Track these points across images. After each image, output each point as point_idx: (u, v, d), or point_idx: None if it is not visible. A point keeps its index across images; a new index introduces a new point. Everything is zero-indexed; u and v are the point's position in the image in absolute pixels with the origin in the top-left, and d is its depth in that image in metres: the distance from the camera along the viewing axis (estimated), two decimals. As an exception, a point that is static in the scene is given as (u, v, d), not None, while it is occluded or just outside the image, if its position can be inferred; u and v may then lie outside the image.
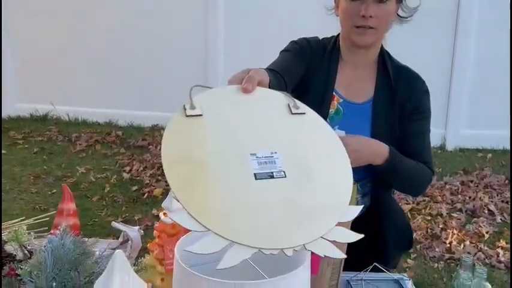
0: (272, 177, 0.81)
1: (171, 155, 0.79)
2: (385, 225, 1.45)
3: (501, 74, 4.45)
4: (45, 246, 1.03)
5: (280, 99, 0.93)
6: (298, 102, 0.94)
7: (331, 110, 1.40)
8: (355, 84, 1.42)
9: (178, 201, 0.76)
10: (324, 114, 1.39)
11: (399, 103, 1.39)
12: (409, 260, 2.73)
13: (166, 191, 3.57)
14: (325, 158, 0.88)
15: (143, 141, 4.55)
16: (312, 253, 1.13)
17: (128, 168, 3.93)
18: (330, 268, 1.15)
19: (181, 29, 4.75)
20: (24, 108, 5.05)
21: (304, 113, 0.93)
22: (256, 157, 0.82)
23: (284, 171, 0.83)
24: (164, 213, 1.18)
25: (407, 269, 2.63)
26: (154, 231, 1.20)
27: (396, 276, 1.32)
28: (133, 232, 1.29)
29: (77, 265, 1.00)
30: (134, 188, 3.61)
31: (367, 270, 1.31)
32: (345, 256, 0.84)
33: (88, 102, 4.99)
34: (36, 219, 1.39)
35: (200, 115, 0.86)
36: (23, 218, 1.38)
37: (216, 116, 0.86)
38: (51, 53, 4.93)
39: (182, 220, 0.76)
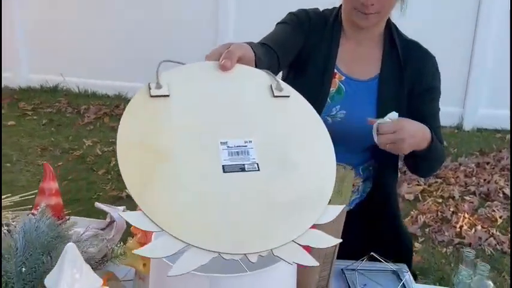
0: (243, 170, 0.71)
1: (127, 141, 0.69)
2: (384, 213, 1.36)
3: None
4: (18, 228, 0.97)
5: (262, 79, 0.80)
6: (283, 84, 0.81)
7: (332, 89, 1.28)
8: (358, 60, 1.28)
9: (131, 196, 0.67)
10: (325, 93, 1.28)
11: (408, 81, 1.27)
12: (416, 244, 2.65)
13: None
14: (308, 148, 0.77)
15: (152, 114, 4.51)
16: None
17: (134, 142, 3.90)
18: (320, 260, 1.09)
19: (193, 9, 4.63)
20: (35, 79, 5.03)
21: (288, 96, 0.81)
22: (227, 146, 0.71)
23: (257, 164, 0.72)
24: (148, 196, 1.12)
25: (414, 253, 2.55)
26: (138, 214, 1.15)
27: (394, 267, 1.25)
28: (117, 213, 1.23)
29: (50, 249, 0.94)
30: (140, 162, 3.58)
31: (363, 260, 1.24)
32: (317, 264, 0.74)
33: (98, 74, 4.95)
34: (22, 196, 1.34)
35: (167, 95, 0.76)
36: (9, 195, 1.33)
37: (184, 97, 0.74)
38: (62, 25, 4.86)
39: (134, 218, 0.67)
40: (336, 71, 1.29)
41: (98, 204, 1.27)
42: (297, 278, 0.97)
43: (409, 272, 1.22)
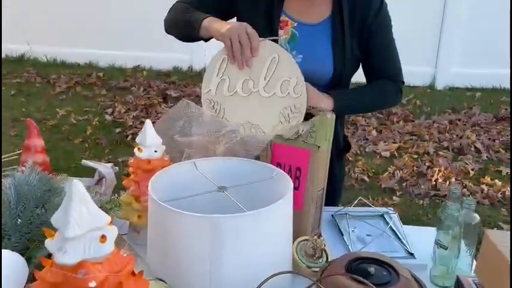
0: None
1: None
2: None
3: (494, 13, 4.30)
4: (8, 184, 0.95)
5: None
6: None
7: (286, 36, 1.30)
8: (308, 4, 1.30)
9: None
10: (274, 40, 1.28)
11: (358, 18, 1.28)
12: (394, 197, 2.74)
13: (150, 133, 3.49)
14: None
15: (125, 82, 4.41)
16: (295, 188, 1.10)
17: (110, 110, 3.82)
18: (313, 202, 1.12)
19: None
20: (-1, 48, 4.81)
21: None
22: None
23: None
24: (139, 148, 1.11)
25: (392, 206, 2.64)
26: (130, 168, 1.14)
27: (382, 210, 1.29)
28: (106, 169, 1.22)
29: (44, 202, 0.93)
30: (117, 130, 3.52)
31: (351, 205, 1.28)
32: None
33: (67, 42, 4.76)
34: (5, 158, 1.31)
35: None
36: (-10, 156, 1.29)
37: None
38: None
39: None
40: (287, 18, 1.30)
41: (85, 161, 1.26)
42: (294, 221, 1.00)
43: (396, 214, 1.26)
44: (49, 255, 0.93)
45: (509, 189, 2.82)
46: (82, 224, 0.60)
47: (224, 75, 1.18)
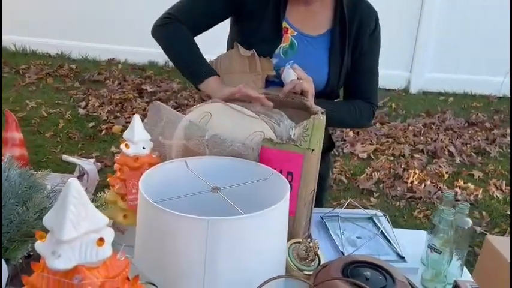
0: None
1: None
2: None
3: (468, 20, 4.42)
4: (-14, 178, 0.89)
5: None
6: None
7: (285, 44, 1.30)
8: (310, 16, 1.31)
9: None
10: (274, 47, 1.28)
11: (353, 37, 1.30)
12: (371, 199, 2.76)
13: (125, 128, 3.38)
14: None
15: (99, 75, 4.28)
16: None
17: (83, 104, 3.70)
18: (306, 206, 1.09)
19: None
20: (-36, 35, 4.58)
21: None
22: None
23: None
24: (126, 145, 1.06)
25: (369, 207, 2.66)
26: (115, 164, 1.09)
27: (371, 212, 1.29)
28: (89, 165, 1.16)
29: (25, 199, 0.87)
30: (91, 124, 3.41)
31: (342, 207, 1.27)
32: None
33: (37, 31, 4.58)
34: (-23, 151, 1.22)
35: None
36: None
37: None
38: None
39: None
40: (287, 26, 1.30)
41: (65, 157, 1.19)
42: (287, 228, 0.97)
43: (387, 217, 1.26)
44: (29, 256, 0.88)
45: (481, 192, 2.90)
46: (78, 226, 0.55)
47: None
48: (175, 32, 1.27)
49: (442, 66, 4.63)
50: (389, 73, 4.77)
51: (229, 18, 1.34)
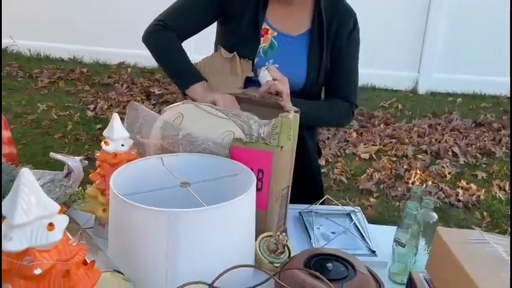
0: None
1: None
2: (306, 137, 1.40)
3: (476, 19, 4.38)
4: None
5: None
6: None
7: (265, 44, 1.33)
8: (289, 16, 1.34)
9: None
10: (254, 48, 1.32)
11: (332, 38, 1.34)
12: (371, 199, 2.77)
13: (131, 130, 3.47)
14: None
15: (109, 78, 4.38)
16: (258, 189, 1.10)
17: (92, 106, 3.80)
18: (278, 202, 1.13)
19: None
20: (-19, 41, 4.75)
21: None
22: None
23: None
24: (105, 142, 1.11)
25: (368, 207, 2.68)
26: (96, 161, 1.14)
27: (348, 209, 1.31)
28: (74, 162, 1.22)
29: (5, 193, 0.93)
30: (98, 126, 3.50)
31: (317, 203, 1.30)
32: None
33: (51, 37, 4.72)
34: (-28, 149, 1.30)
35: None
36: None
37: None
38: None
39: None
40: (267, 27, 1.34)
41: (53, 154, 1.25)
42: (259, 221, 1.01)
43: (361, 212, 1.28)
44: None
45: (483, 192, 2.87)
46: (29, 212, 0.60)
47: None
48: (165, 39, 1.33)
49: (451, 66, 4.59)
50: (397, 74, 4.76)
51: (216, 22, 1.39)
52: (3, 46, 4.81)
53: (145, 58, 4.83)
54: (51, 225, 0.62)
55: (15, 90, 4.04)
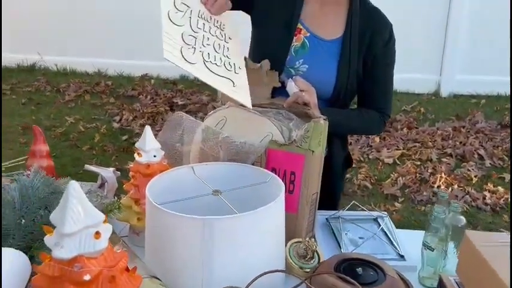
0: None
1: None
2: (334, 148, 1.41)
3: (498, 20, 4.32)
4: (14, 183, 1.01)
5: None
6: None
7: (297, 43, 1.34)
8: (323, 19, 1.34)
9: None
10: (287, 45, 1.33)
11: (366, 46, 1.33)
12: (396, 204, 2.76)
13: (156, 140, 3.55)
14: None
15: (133, 90, 4.49)
16: (289, 192, 1.14)
17: (117, 118, 3.90)
18: (308, 206, 1.15)
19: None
20: (11, 58, 4.92)
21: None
22: None
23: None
24: (138, 153, 1.16)
25: (394, 212, 2.67)
26: (130, 172, 1.19)
27: (375, 214, 1.32)
28: (108, 173, 1.27)
29: (47, 204, 0.98)
30: (124, 137, 3.59)
31: (345, 209, 1.31)
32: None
33: (76, 51, 4.87)
34: (11, 163, 1.36)
35: None
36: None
37: None
38: (38, 2, 4.74)
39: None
40: (301, 26, 1.35)
41: (87, 166, 1.31)
42: (289, 224, 1.04)
43: (388, 217, 1.29)
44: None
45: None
46: (78, 221, 0.64)
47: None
48: None
49: (473, 67, 4.53)
50: (418, 77, 4.72)
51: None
52: (31, 62, 4.98)
53: (167, 69, 4.97)
54: (97, 234, 0.66)
55: (44, 105, 4.17)
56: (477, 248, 0.77)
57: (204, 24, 1.22)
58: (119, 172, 1.37)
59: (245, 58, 1.37)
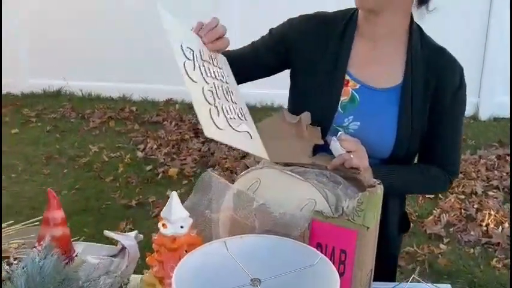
0: None
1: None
2: (389, 207, 1.17)
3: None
4: (21, 268, 0.87)
5: None
6: None
7: (344, 98, 1.14)
8: (376, 64, 1.14)
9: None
10: (333, 102, 1.14)
11: (432, 96, 1.12)
12: (441, 245, 2.53)
13: (181, 171, 3.42)
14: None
15: (157, 116, 4.39)
16: (340, 274, 0.95)
17: (142, 146, 3.79)
18: (362, 285, 0.98)
19: (192, 10, 4.50)
20: (37, 84, 4.92)
21: None
22: None
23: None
24: (163, 224, 1.00)
25: (439, 255, 2.43)
26: (154, 244, 1.03)
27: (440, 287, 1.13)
28: (129, 241, 1.12)
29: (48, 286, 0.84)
30: (148, 167, 3.47)
31: (408, 280, 1.12)
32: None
33: (101, 76, 4.83)
34: (24, 224, 1.23)
35: None
36: (11, 222, 1.22)
37: None
38: (62, 27, 4.74)
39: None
40: (348, 77, 1.15)
41: (106, 233, 1.16)
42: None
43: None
44: None
45: None
46: None
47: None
48: None
49: (514, 89, 4.26)
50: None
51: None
52: (57, 88, 4.97)
53: (192, 94, 4.87)
54: None
55: (69, 132, 4.12)
56: None
57: (208, 68, 1.01)
58: (141, 235, 1.22)
59: (282, 110, 1.20)
